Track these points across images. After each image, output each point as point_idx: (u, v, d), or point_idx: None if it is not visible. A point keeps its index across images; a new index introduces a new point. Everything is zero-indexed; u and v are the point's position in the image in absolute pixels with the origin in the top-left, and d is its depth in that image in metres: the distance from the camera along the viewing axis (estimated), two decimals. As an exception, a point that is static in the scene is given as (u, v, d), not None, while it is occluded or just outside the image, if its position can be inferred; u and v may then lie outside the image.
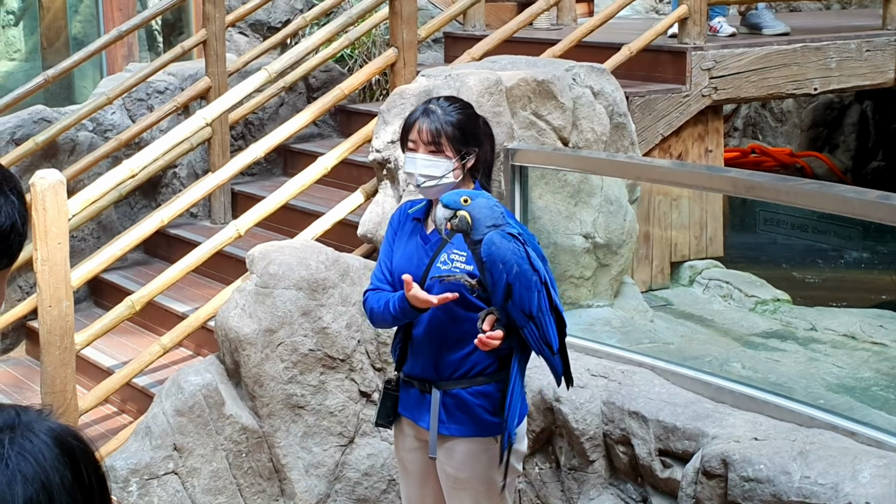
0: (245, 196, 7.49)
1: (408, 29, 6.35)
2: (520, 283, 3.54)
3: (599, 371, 4.87)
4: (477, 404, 3.84)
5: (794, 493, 3.86)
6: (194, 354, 6.24)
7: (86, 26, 10.58)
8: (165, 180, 7.76)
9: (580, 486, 4.83)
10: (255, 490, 5.07)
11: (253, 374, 5.03)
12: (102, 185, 5.72)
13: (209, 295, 6.30)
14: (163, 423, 4.98)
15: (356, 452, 5.19)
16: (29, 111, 7.40)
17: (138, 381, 5.94)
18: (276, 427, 5.05)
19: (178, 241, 7.24)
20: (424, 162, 3.84)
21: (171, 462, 4.96)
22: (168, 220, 5.98)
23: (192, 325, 5.72)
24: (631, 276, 6.28)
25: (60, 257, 5.19)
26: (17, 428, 1.32)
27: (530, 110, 5.61)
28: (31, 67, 10.28)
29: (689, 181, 5.34)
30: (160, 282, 5.76)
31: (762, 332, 6.09)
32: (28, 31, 10.68)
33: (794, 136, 10.94)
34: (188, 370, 5.17)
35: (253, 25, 9.62)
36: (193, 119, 6.16)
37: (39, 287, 5.20)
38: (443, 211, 3.56)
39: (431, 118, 3.85)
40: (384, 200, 5.68)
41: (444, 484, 3.99)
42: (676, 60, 7.02)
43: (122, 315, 5.67)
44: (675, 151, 6.99)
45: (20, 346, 7.20)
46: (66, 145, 7.36)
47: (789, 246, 8.26)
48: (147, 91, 7.81)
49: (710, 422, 4.37)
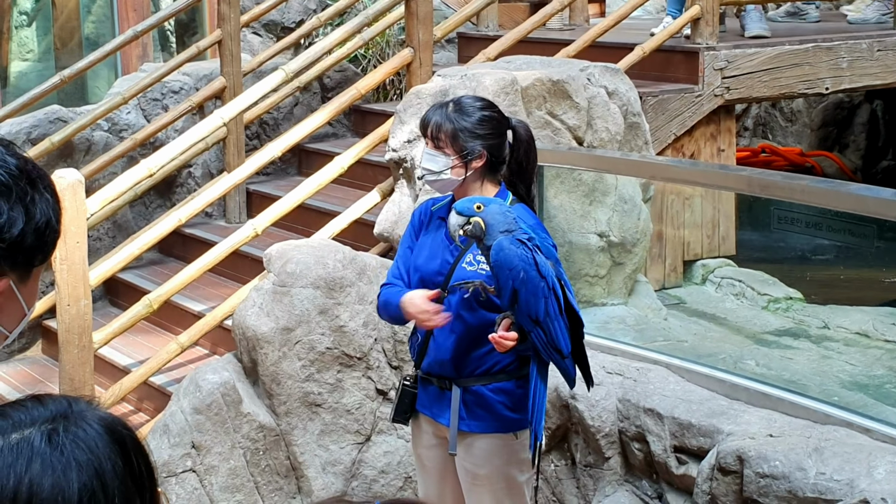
0: (260, 195, 7.53)
1: (423, 29, 6.38)
2: (525, 289, 3.56)
3: (615, 369, 4.91)
4: (497, 401, 3.87)
5: (809, 489, 3.89)
6: (210, 353, 6.28)
7: (99, 27, 10.62)
8: (180, 180, 7.80)
9: (595, 483, 4.87)
10: (273, 488, 5.11)
11: (270, 373, 5.07)
12: (120, 184, 5.76)
13: (224, 294, 6.34)
14: (181, 421, 5.02)
15: (373, 450, 5.23)
16: (45, 111, 7.44)
17: (155, 380, 5.97)
18: (294, 425, 5.09)
19: (194, 240, 7.27)
20: (427, 155, 3.89)
21: (189, 460, 5.00)
22: (186, 219, 6.02)
23: (209, 323, 5.76)
24: (644, 275, 6.31)
25: (79, 256, 5.23)
26: (70, 417, 1.36)
27: (545, 110, 5.64)
28: (45, 68, 10.32)
29: (703, 180, 5.38)
30: (177, 281, 5.80)
31: (775, 330, 6.12)
32: (41, 31, 10.72)
33: (804, 135, 10.96)
34: (206, 368, 5.21)
35: (267, 26, 9.65)
36: (211, 118, 6.19)
37: (58, 286, 5.25)
38: (456, 218, 3.60)
39: (438, 113, 3.88)
40: (400, 199, 5.72)
41: (463, 480, 4.02)
42: (689, 60, 7.05)
43: (139, 314, 5.71)
44: (687, 151, 7.02)
45: (36, 344, 7.24)
46: (82, 145, 7.41)
47: (801, 244, 8.29)
48: (162, 91, 7.84)
49: (725, 419, 4.40)
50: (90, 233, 7.02)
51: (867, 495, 3.73)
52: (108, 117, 7.53)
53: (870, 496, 3.72)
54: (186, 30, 10.59)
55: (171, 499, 4.95)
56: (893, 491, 3.71)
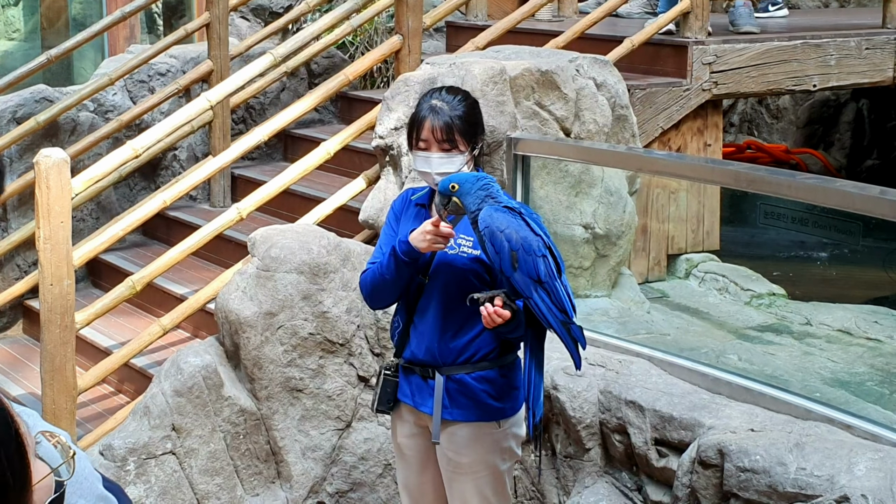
0: (245, 180, 7.51)
1: (413, 16, 6.37)
2: (523, 249, 3.57)
3: (597, 360, 4.91)
4: (480, 389, 3.87)
5: (789, 483, 3.90)
6: (192, 336, 6.27)
7: (86, 7, 10.58)
8: (165, 162, 7.78)
9: (575, 474, 4.87)
10: (252, 472, 5.10)
11: (252, 357, 5.06)
12: (106, 164, 5.73)
13: (207, 278, 6.33)
14: (161, 404, 5.00)
15: (353, 437, 5.22)
16: (31, 90, 7.41)
17: (136, 362, 5.96)
18: (275, 410, 5.08)
19: (178, 223, 7.25)
20: (440, 160, 3.87)
21: (170, 442, 4.99)
22: (171, 200, 6.00)
23: (192, 306, 5.75)
24: (628, 268, 6.31)
25: (63, 236, 5.21)
26: None
27: (533, 100, 5.64)
28: (31, 48, 10.28)
29: (691, 173, 5.38)
30: (161, 263, 5.78)
31: (757, 325, 6.13)
32: (28, 11, 10.67)
33: (789, 132, 10.99)
34: (187, 351, 5.19)
35: (255, 10, 9.63)
36: (198, 101, 6.17)
37: (41, 265, 5.22)
38: (439, 198, 3.68)
39: (441, 115, 3.88)
40: (386, 187, 5.71)
41: (445, 469, 4.01)
42: (678, 54, 7.06)
43: (122, 295, 5.69)
44: (674, 145, 7.03)
45: (17, 324, 7.22)
46: (67, 125, 7.37)
47: (786, 240, 8.31)
48: (149, 73, 7.81)
49: (707, 412, 4.40)
50: (74, 213, 7.00)
51: (847, 491, 3.74)
52: (94, 98, 7.49)
53: (850, 492, 3.73)
54: (174, 13, 10.55)
55: (151, 481, 4.93)
56: (874, 487, 3.72)
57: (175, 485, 4.95)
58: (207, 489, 5.00)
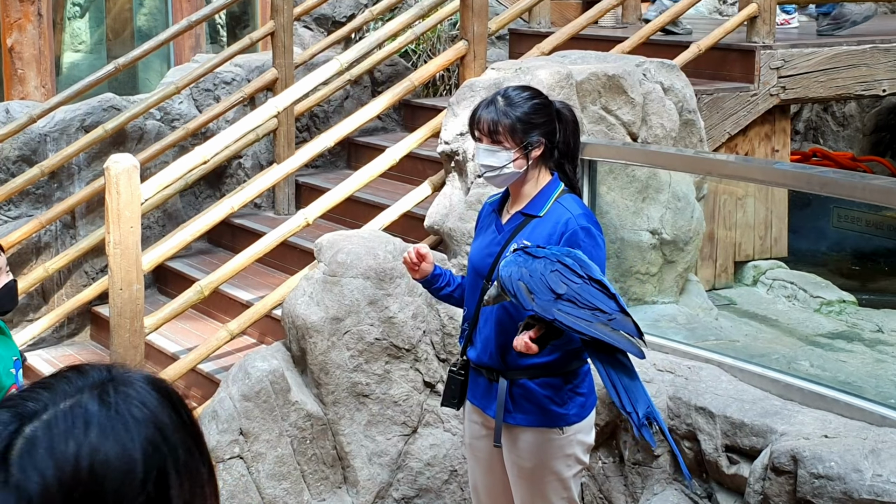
0: (309, 188, 7.53)
1: (478, 21, 6.36)
2: (531, 277, 3.51)
3: (666, 366, 4.86)
4: (544, 395, 3.85)
5: (865, 490, 3.83)
6: (258, 342, 6.28)
7: (151, 19, 10.67)
8: (230, 170, 7.82)
9: (644, 482, 4.82)
10: (319, 477, 5.10)
11: (319, 362, 5.06)
12: (174, 170, 5.77)
13: (272, 284, 6.35)
14: (229, 408, 5.02)
15: (419, 442, 5.20)
16: (98, 99, 7.47)
17: (203, 367, 5.99)
18: (341, 415, 5.08)
19: (243, 230, 7.29)
20: (485, 152, 3.87)
21: (237, 446, 5.00)
22: (238, 207, 6.03)
23: (258, 312, 5.77)
24: (695, 274, 6.25)
25: (132, 241, 5.25)
26: (115, 378, 1.35)
27: (600, 105, 5.60)
28: (97, 59, 10.38)
29: (761, 177, 5.31)
30: (228, 268, 5.81)
31: (828, 332, 6.05)
32: (94, 22, 10.78)
33: (856, 140, 10.84)
34: (255, 356, 5.21)
35: (318, 19, 9.66)
36: (265, 108, 6.19)
37: (111, 270, 5.26)
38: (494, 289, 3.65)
39: (490, 109, 3.86)
40: (452, 192, 5.69)
41: (510, 472, 4.00)
42: (745, 59, 6.99)
43: (190, 300, 5.72)
44: (741, 150, 6.95)
45: (85, 330, 7.28)
46: (135, 133, 7.44)
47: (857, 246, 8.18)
48: (214, 82, 7.86)
49: (779, 418, 4.34)
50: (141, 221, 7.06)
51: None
52: (161, 106, 7.55)
53: (928, 499, 3.67)
54: (238, 22, 10.62)
55: (219, 485, 4.93)
56: (952, 494, 3.65)
57: (242, 489, 4.97)
58: (274, 493, 5.01)
